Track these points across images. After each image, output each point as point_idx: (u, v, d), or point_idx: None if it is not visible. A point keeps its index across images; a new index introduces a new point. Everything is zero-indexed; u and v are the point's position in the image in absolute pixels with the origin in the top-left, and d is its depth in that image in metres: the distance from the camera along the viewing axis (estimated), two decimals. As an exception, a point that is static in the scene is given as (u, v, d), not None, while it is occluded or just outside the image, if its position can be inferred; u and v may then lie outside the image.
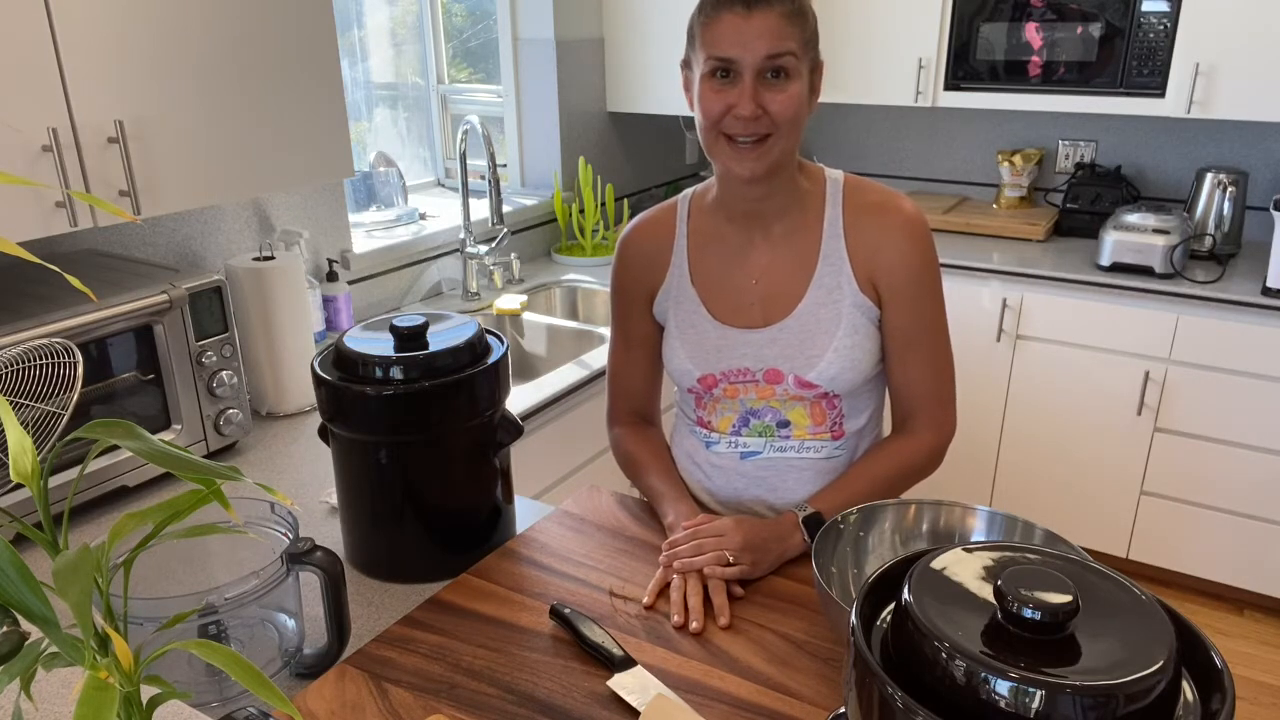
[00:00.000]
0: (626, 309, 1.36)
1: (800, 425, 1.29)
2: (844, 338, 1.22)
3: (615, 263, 1.35)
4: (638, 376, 1.39)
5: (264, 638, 1.03)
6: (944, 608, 0.56)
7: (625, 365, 1.39)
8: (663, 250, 1.31)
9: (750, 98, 1.12)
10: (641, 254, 1.32)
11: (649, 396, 1.42)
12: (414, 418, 1.12)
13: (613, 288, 1.36)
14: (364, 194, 2.61)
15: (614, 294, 1.36)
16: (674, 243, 1.30)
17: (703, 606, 1.09)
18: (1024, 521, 1.02)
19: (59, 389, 0.98)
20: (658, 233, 1.32)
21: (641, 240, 1.33)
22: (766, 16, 1.10)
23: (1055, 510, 2.83)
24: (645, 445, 1.38)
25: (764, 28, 1.10)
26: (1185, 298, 2.47)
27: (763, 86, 1.12)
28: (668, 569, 1.14)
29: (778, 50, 1.10)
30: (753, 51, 1.11)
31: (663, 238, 1.31)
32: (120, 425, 0.60)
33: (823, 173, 1.27)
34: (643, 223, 1.34)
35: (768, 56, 1.11)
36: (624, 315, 1.36)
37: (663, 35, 2.88)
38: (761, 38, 1.10)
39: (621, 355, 1.39)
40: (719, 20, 1.12)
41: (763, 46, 1.10)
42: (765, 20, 1.10)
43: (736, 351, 1.27)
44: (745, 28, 1.10)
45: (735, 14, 1.11)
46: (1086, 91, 2.67)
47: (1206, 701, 0.55)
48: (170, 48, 1.37)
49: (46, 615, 0.55)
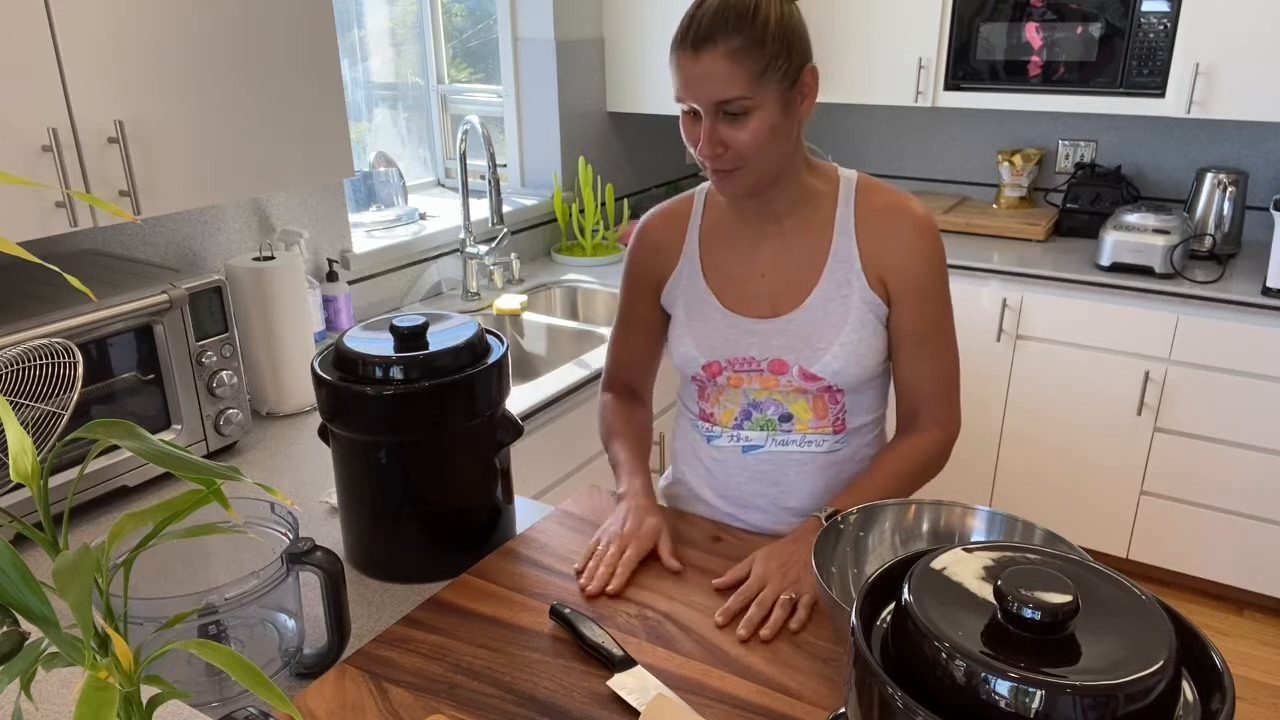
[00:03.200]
0: (632, 292, 1.39)
1: (802, 419, 1.29)
2: (851, 332, 1.23)
3: (630, 246, 1.39)
4: (631, 354, 1.44)
5: (264, 638, 1.03)
6: (944, 608, 0.56)
7: (622, 342, 1.44)
8: (676, 240, 1.34)
9: (707, 139, 1.13)
10: (655, 242, 1.36)
11: (641, 374, 1.45)
12: (414, 418, 1.13)
13: (624, 269, 1.40)
14: (364, 194, 2.61)
15: (624, 276, 1.40)
16: (687, 233, 1.33)
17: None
18: (1024, 521, 1.02)
19: (59, 389, 0.98)
20: (672, 223, 1.35)
21: (657, 229, 1.36)
22: (713, 58, 1.09)
23: (1055, 510, 2.82)
24: (621, 414, 1.42)
25: (710, 71, 1.10)
26: (1185, 298, 2.47)
27: (722, 124, 1.13)
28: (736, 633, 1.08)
29: (724, 96, 1.11)
30: (703, 96, 1.12)
31: (677, 228, 1.34)
32: (120, 425, 0.60)
33: (835, 171, 1.29)
34: (660, 212, 1.37)
35: (716, 102, 1.11)
36: (629, 298, 1.40)
37: (663, 35, 2.87)
38: (708, 82, 1.10)
39: (620, 333, 1.44)
40: (676, 60, 1.13)
41: (712, 91, 1.11)
42: (712, 63, 1.10)
43: (743, 340, 1.28)
44: (694, 70, 1.11)
45: (686, 56, 1.12)
46: (1086, 91, 2.67)
47: (1206, 701, 0.55)
48: (170, 48, 1.37)
49: (46, 615, 0.55)
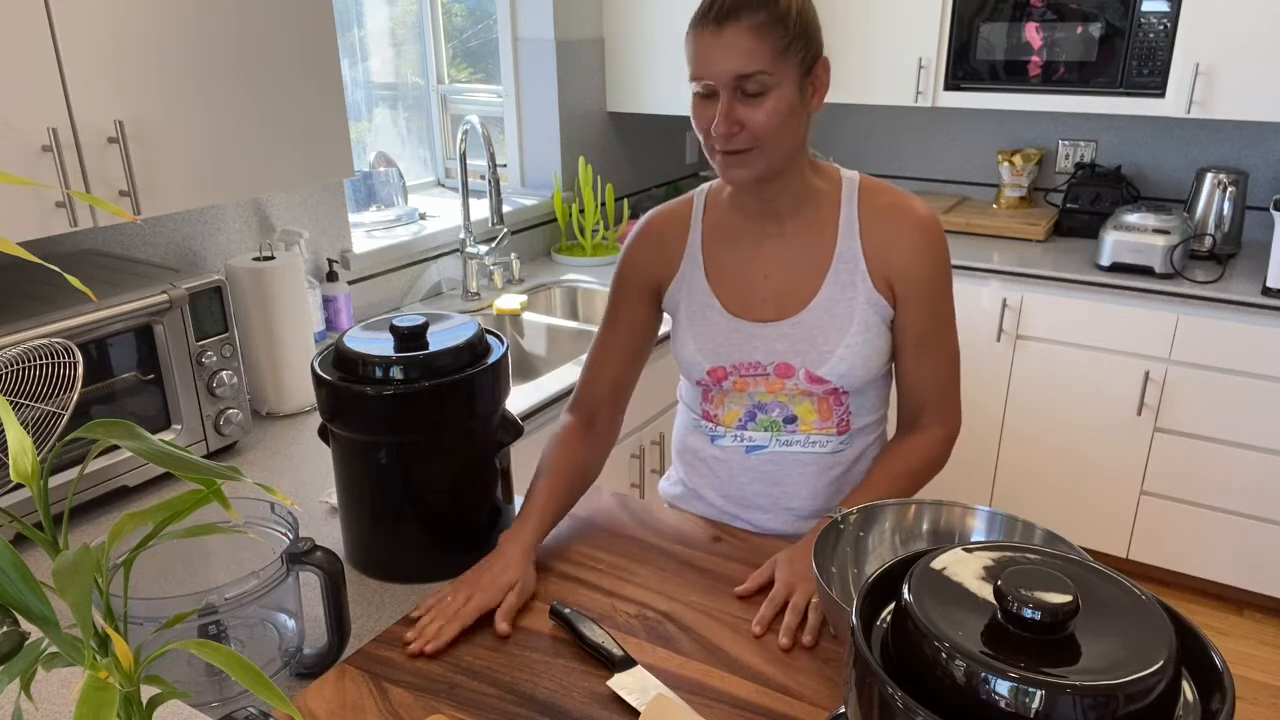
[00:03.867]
0: (623, 291, 1.34)
1: (807, 420, 1.29)
2: (856, 334, 1.23)
3: (627, 246, 1.35)
4: (611, 367, 1.35)
5: (264, 638, 1.03)
6: (944, 608, 0.56)
7: (603, 352, 1.35)
8: (677, 242, 1.32)
9: (724, 116, 1.12)
10: (655, 244, 1.33)
11: (613, 397, 1.36)
12: (414, 418, 1.12)
13: (616, 269, 1.35)
14: (364, 194, 2.61)
15: (616, 275, 1.35)
16: (689, 235, 1.31)
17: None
18: (1024, 521, 1.02)
19: (59, 389, 0.98)
20: (673, 225, 1.33)
21: (659, 229, 1.33)
22: (736, 32, 1.09)
23: (1055, 510, 2.82)
24: (565, 451, 1.30)
25: (733, 46, 1.10)
26: (1185, 298, 2.47)
27: (740, 102, 1.12)
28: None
29: (746, 70, 1.10)
30: (723, 71, 1.11)
31: (677, 230, 1.32)
32: (120, 425, 0.60)
33: (838, 172, 1.28)
34: (660, 214, 1.35)
35: (738, 76, 1.11)
36: (619, 299, 1.34)
37: (663, 35, 2.87)
38: (730, 58, 1.10)
39: (603, 340, 1.36)
40: (696, 37, 1.13)
41: (733, 66, 1.10)
42: (735, 37, 1.09)
43: (748, 344, 1.27)
44: (716, 45, 1.10)
45: (708, 30, 1.11)
46: (1086, 91, 2.67)
47: (1206, 701, 0.55)
48: (170, 48, 1.37)
49: (46, 615, 0.55)
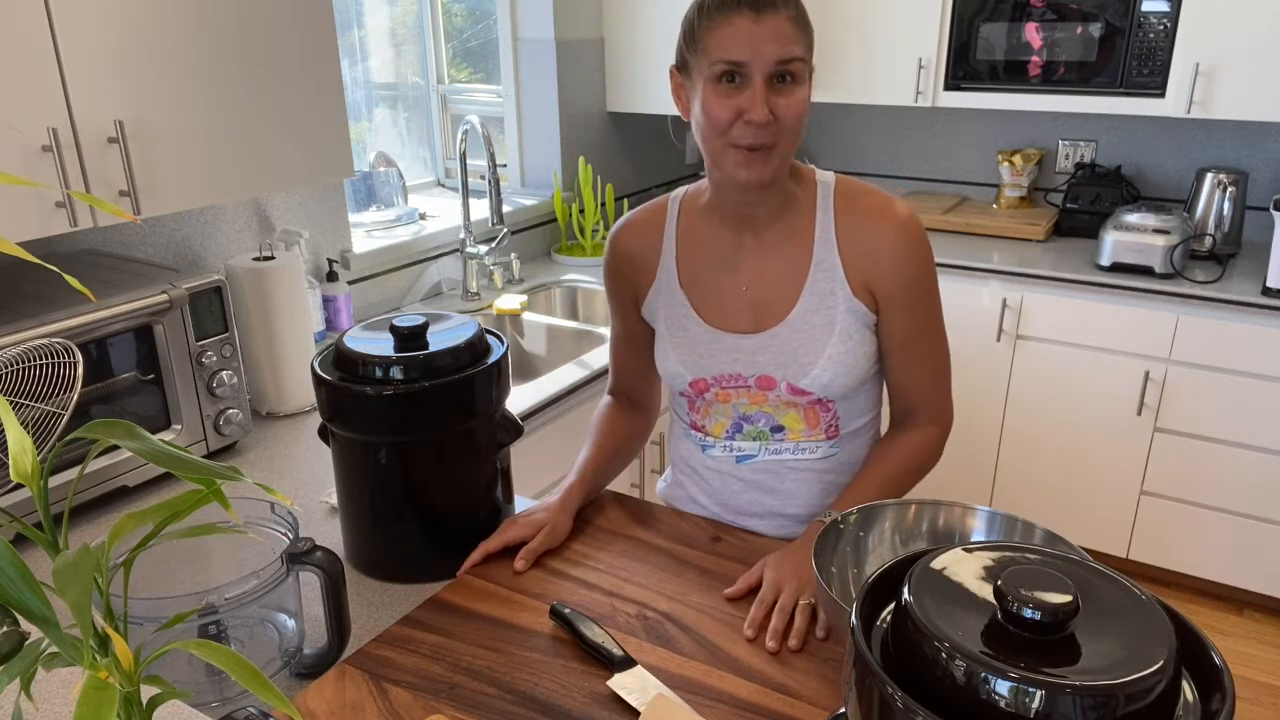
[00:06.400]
0: (613, 302, 1.37)
1: (794, 429, 1.28)
2: (837, 344, 1.21)
3: (605, 262, 1.36)
4: (629, 365, 1.42)
5: (264, 638, 1.03)
6: (944, 608, 0.56)
7: (618, 354, 1.42)
8: (650, 252, 1.30)
9: (763, 102, 1.10)
10: (628, 256, 1.32)
11: (641, 384, 1.43)
12: (414, 418, 1.12)
13: (605, 286, 1.38)
14: (364, 194, 2.61)
15: (607, 292, 1.38)
16: (662, 244, 1.29)
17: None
18: (1024, 521, 1.02)
19: (59, 389, 0.98)
20: (645, 234, 1.31)
21: (628, 242, 1.32)
22: (776, 20, 1.09)
23: (1055, 510, 2.82)
24: (607, 421, 1.41)
25: (774, 31, 1.09)
26: (1185, 298, 2.47)
27: (771, 91, 1.11)
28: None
29: (788, 55, 1.10)
30: (764, 56, 1.09)
31: (650, 239, 1.30)
32: (120, 425, 0.60)
33: (813, 174, 1.25)
34: (630, 224, 1.33)
35: (779, 61, 1.09)
36: (615, 313, 1.38)
37: (663, 35, 2.87)
38: (772, 42, 1.09)
39: (615, 344, 1.42)
40: (728, 23, 1.10)
41: (774, 51, 1.09)
42: (775, 24, 1.09)
43: (727, 356, 1.26)
44: (756, 31, 1.09)
45: (744, 17, 1.09)
46: (1086, 91, 2.67)
47: (1206, 701, 0.55)
48: (170, 48, 1.37)
49: (46, 615, 0.55)
